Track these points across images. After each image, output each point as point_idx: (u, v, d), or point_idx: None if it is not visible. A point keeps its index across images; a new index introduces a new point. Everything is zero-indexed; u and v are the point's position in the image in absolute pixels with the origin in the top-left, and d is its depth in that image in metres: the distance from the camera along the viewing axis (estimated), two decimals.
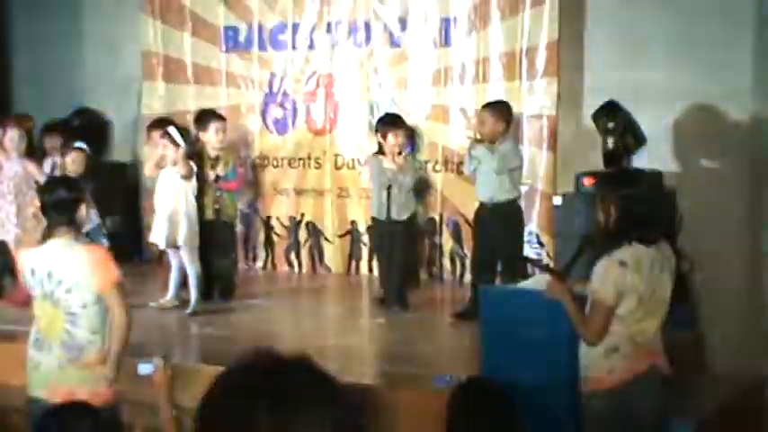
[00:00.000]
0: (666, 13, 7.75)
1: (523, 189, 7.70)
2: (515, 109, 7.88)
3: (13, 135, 8.02)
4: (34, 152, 8.27)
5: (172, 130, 7.63)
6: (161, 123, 8.04)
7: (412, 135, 8.54)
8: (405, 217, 7.73)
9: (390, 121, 7.90)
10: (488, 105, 7.53)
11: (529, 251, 8.03)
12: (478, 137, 7.41)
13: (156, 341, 6.41)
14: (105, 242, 7.25)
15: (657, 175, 6.75)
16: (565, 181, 7.79)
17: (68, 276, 4.17)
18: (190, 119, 8.66)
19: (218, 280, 7.96)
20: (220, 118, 8.12)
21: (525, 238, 7.85)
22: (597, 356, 4.26)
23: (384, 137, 7.74)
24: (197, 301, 7.56)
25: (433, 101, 8.73)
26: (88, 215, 4.44)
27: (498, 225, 7.22)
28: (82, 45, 9.77)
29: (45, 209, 4.43)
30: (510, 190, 7.29)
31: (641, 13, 7.84)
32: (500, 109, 7.42)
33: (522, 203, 7.63)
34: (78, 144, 7.71)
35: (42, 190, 4.60)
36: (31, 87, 9.74)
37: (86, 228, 6.82)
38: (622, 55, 7.88)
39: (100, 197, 7.32)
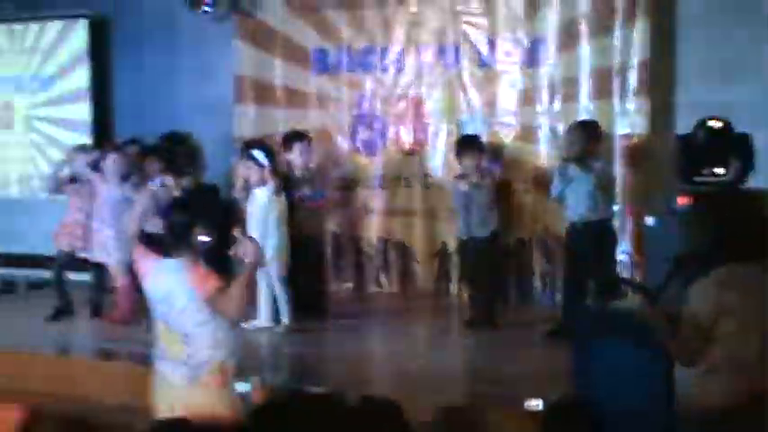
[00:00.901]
0: (759, 28, 7.62)
1: (615, 209, 7.61)
2: (606, 128, 7.85)
3: (112, 160, 8.23)
4: (130, 176, 8.45)
5: (255, 152, 7.74)
6: (250, 145, 8.15)
7: (496, 153, 8.59)
8: (485, 234, 7.76)
9: (464, 144, 7.99)
10: (579, 124, 7.51)
11: (620, 271, 7.94)
12: (566, 156, 7.37)
13: (249, 361, 6.47)
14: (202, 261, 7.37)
15: (756, 192, 6.60)
16: (657, 200, 7.68)
17: (180, 298, 4.16)
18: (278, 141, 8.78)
19: (308, 300, 8.01)
20: (305, 138, 8.23)
21: (618, 258, 7.76)
22: (694, 379, 4.17)
23: (460, 159, 7.86)
24: (289, 321, 7.64)
25: (521, 121, 8.72)
26: (204, 238, 4.38)
27: (590, 245, 7.16)
28: (177, 70, 9.97)
29: (165, 229, 4.37)
30: (602, 209, 7.24)
31: (733, 30, 7.73)
32: (590, 128, 7.39)
33: (614, 223, 7.56)
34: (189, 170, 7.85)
35: (161, 212, 4.58)
36: (130, 111, 9.96)
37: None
38: (715, 72, 7.78)
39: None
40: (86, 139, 10.03)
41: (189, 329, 4.17)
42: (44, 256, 8.96)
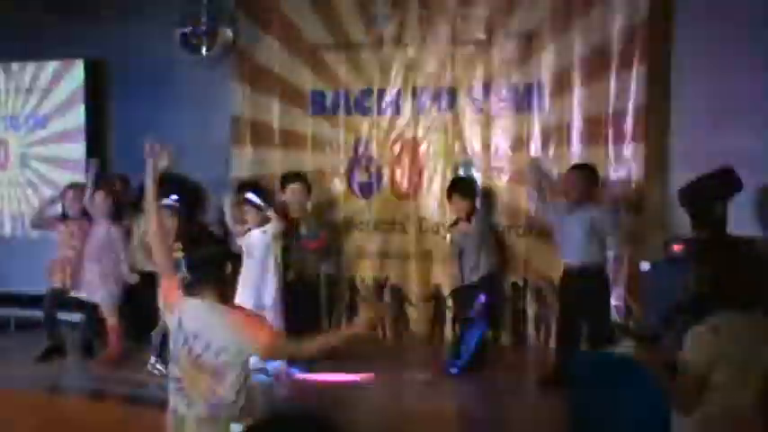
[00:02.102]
0: (756, 75, 7.66)
1: (610, 254, 7.60)
2: (601, 174, 7.84)
3: (97, 197, 8.26)
4: (121, 213, 8.48)
5: (250, 195, 7.74)
6: (245, 187, 8.17)
7: (489, 197, 8.63)
8: (476, 278, 7.79)
9: (454, 188, 8.11)
10: (577, 167, 7.56)
11: (615, 317, 7.92)
12: (563, 199, 7.38)
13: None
14: None
15: (752, 241, 6.60)
16: (653, 247, 7.69)
17: (217, 339, 4.09)
18: (276, 183, 8.79)
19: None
20: (298, 179, 8.27)
21: (612, 303, 7.74)
22: (690, 427, 4.15)
23: (450, 203, 8.06)
24: (281, 365, 7.57)
25: (515, 165, 8.73)
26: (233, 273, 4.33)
27: (585, 289, 7.15)
28: (174, 111, 9.95)
29: (192, 266, 4.27)
30: (597, 254, 7.24)
31: (730, 76, 7.76)
32: (588, 171, 7.42)
33: (610, 268, 7.55)
34: (166, 201, 7.59)
35: (189, 246, 4.41)
36: (125, 151, 9.93)
37: None
38: (711, 119, 7.80)
39: None
40: (80, 177, 10.03)
41: (222, 369, 4.12)
42: (36, 295, 8.91)
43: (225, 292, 4.25)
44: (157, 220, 4.57)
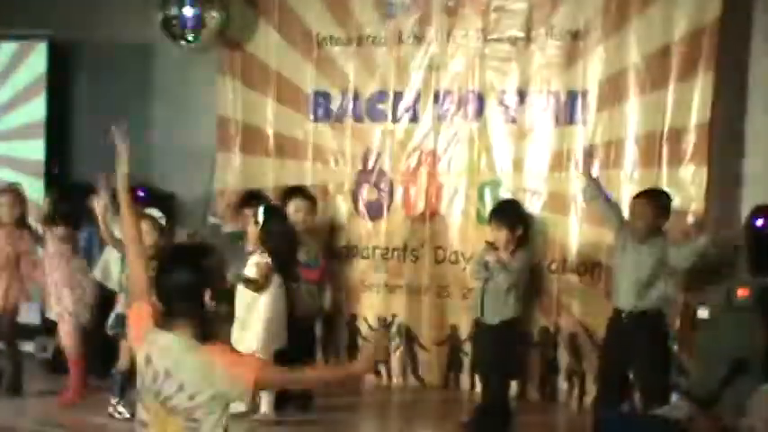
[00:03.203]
0: None
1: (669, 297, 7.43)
2: None
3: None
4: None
5: (260, 208, 7.72)
6: (253, 198, 8.17)
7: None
8: (496, 321, 7.59)
9: (495, 214, 7.88)
10: (647, 194, 7.40)
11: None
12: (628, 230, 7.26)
13: None
14: None
15: None
16: (714, 289, 7.65)
17: (191, 382, 3.94)
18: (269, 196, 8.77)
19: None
20: (304, 196, 8.27)
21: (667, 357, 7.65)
22: None
23: (492, 228, 7.75)
24: (268, 410, 7.57)
25: (552, 188, 8.68)
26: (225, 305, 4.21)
27: (638, 340, 7.02)
28: (150, 108, 10.00)
29: (163, 294, 4.07)
30: (658, 298, 7.13)
31: None
32: (661, 199, 7.31)
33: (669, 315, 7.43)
34: (149, 211, 7.76)
35: (161, 270, 4.10)
36: (90, 152, 9.93)
37: None
38: None
39: None
40: (38, 181, 10.05)
41: (197, 413, 4.02)
42: None
43: (204, 327, 4.05)
44: (133, 227, 4.51)
